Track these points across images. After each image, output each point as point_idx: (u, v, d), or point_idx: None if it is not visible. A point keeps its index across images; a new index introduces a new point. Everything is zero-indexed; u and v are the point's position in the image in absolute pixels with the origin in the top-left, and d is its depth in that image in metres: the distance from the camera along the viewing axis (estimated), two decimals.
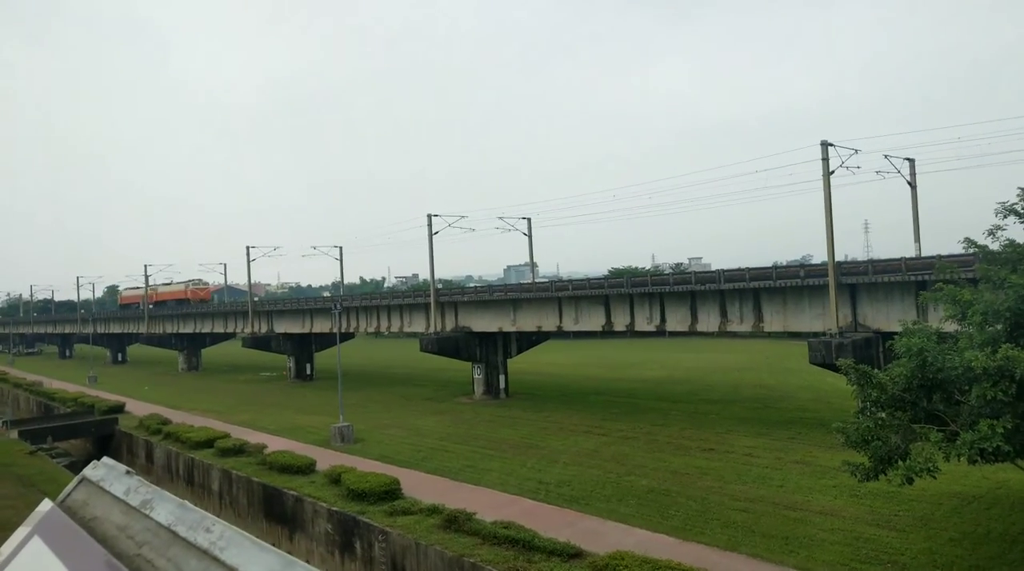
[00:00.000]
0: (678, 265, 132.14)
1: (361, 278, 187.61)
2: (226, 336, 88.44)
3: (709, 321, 37.67)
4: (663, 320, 39.58)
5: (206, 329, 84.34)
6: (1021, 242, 17.67)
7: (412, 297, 55.73)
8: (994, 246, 18.40)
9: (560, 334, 50.25)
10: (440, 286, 54.16)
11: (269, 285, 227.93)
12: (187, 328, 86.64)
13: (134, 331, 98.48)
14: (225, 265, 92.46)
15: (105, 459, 3.50)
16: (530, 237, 56.65)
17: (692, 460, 29.14)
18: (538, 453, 31.71)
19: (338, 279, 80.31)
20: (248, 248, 73.78)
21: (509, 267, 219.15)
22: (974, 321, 16.45)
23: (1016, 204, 18.86)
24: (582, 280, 47.68)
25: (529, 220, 56.53)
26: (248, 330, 73.32)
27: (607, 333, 46.04)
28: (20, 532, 3.03)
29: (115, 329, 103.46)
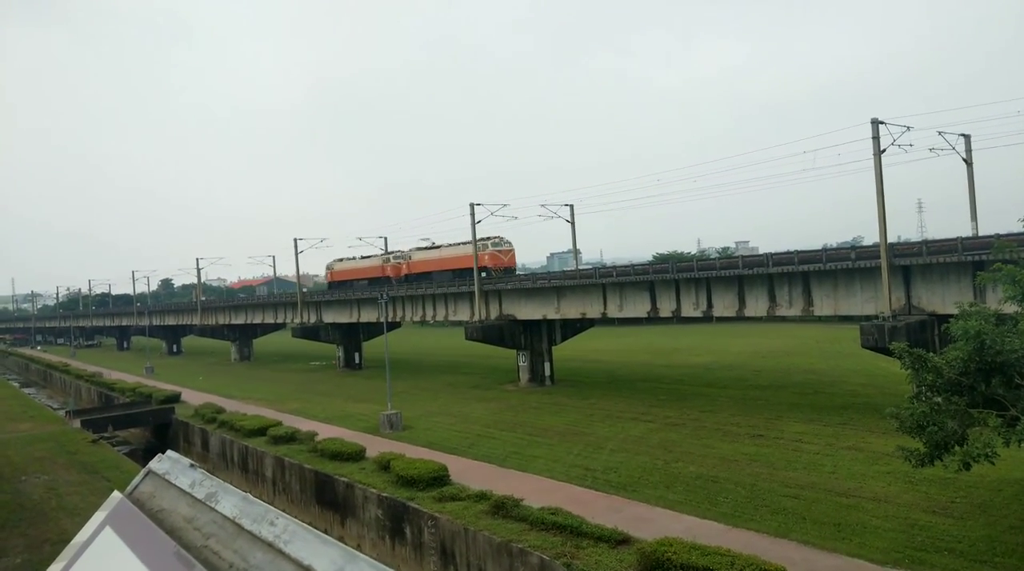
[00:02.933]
0: (725, 250, 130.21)
1: None
2: (276, 327, 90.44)
3: (757, 306, 37.07)
4: (710, 305, 39.08)
5: (257, 320, 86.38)
6: None
7: (456, 286, 56.15)
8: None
9: (604, 321, 50.07)
10: (484, 275, 54.33)
11: (317, 276, 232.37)
12: (239, 319, 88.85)
13: (188, 323, 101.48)
14: (274, 257, 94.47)
15: (170, 452, 3.67)
16: (573, 224, 56.40)
17: (741, 446, 28.82)
18: (584, 440, 31.74)
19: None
20: (296, 240, 75.15)
21: (552, 254, 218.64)
22: None
23: None
24: (626, 266, 47.31)
25: (572, 207, 56.24)
26: (297, 320, 74.90)
27: (652, 319, 45.68)
28: (92, 522, 3.20)
29: (170, 321, 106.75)
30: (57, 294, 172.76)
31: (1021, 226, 19.01)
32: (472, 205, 52.65)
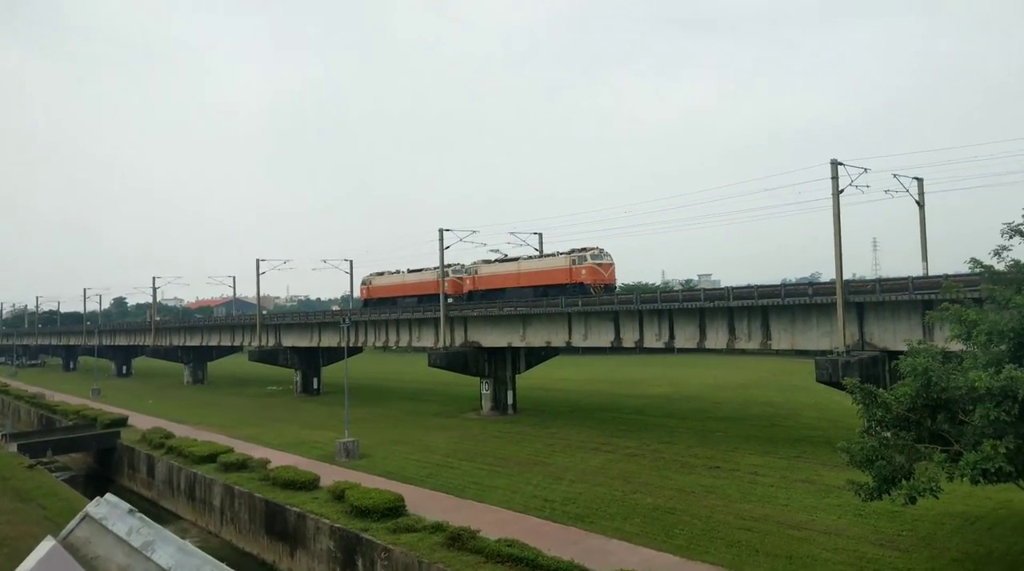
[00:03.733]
0: (688, 282, 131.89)
1: None
2: (233, 349, 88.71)
3: (717, 338, 37.60)
4: (672, 337, 39.53)
5: (213, 342, 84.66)
6: None
7: (422, 312, 55.88)
8: (1000, 266, 18.39)
9: (569, 350, 50.11)
10: (450, 301, 54.12)
11: (278, 298, 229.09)
12: (194, 341, 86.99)
13: (140, 343, 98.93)
14: (234, 278, 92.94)
15: (108, 496, 3.59)
16: (541, 252, 56.77)
17: (698, 478, 29.01)
18: (544, 470, 31.64)
19: (348, 292, 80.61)
20: (258, 261, 74.12)
21: None
22: (979, 341, 16.45)
23: (1022, 225, 18.87)
24: (592, 296, 47.67)
25: (540, 235, 56.67)
26: (255, 344, 73.59)
27: (616, 349, 45.97)
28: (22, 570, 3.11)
29: (121, 341, 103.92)
30: (0, 310, 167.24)
31: (967, 268, 19.72)
32: (441, 230, 52.72)
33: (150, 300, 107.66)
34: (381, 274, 66.96)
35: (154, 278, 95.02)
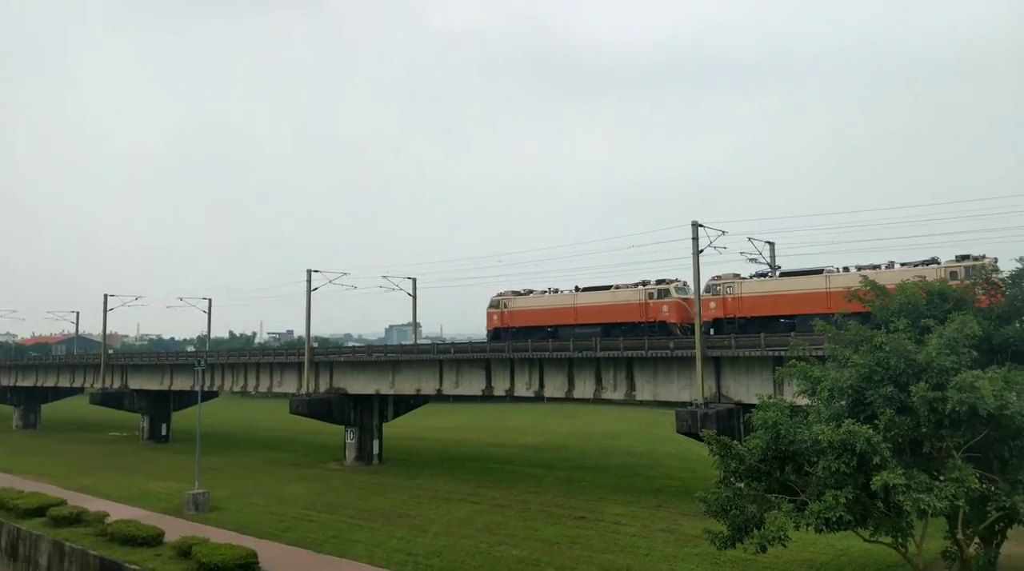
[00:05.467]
0: None
1: (231, 333, 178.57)
2: (73, 391, 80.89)
3: (585, 388, 38.45)
4: (542, 385, 40.03)
5: (50, 383, 76.98)
6: (863, 325, 19.31)
7: (284, 355, 53.47)
8: (841, 328, 20.00)
9: (440, 397, 49.57)
10: (316, 345, 52.22)
11: (127, 336, 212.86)
12: (27, 381, 78.68)
13: None
14: (78, 313, 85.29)
15: None
16: (414, 297, 56.25)
17: (563, 529, 29.10)
18: (409, 522, 30.67)
19: (205, 332, 76.14)
20: (106, 296, 68.79)
21: (391, 327, 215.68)
22: (822, 397, 17.70)
23: (859, 290, 20.73)
24: (464, 343, 47.60)
25: (414, 280, 56.23)
26: (99, 385, 67.51)
27: (488, 397, 45.92)
28: None
29: None
30: None
31: (813, 328, 21.34)
32: (309, 271, 51.14)
33: None
34: (521, 294, 48.43)
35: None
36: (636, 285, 42.49)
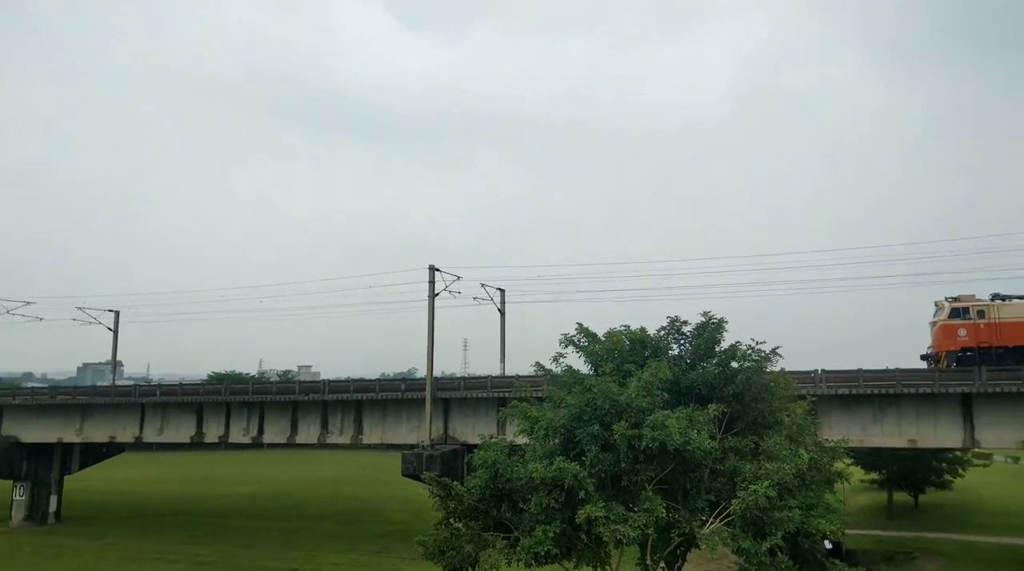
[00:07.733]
0: (286, 373, 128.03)
1: None
2: None
3: (309, 433, 36.59)
4: (261, 431, 37.33)
5: None
6: (577, 369, 20.68)
7: None
8: (558, 370, 21.23)
9: (140, 445, 44.00)
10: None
11: None
12: None
13: None
14: None
15: None
16: (115, 332, 49.71)
17: None
18: None
19: None
20: None
21: (86, 365, 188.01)
22: (539, 435, 18.47)
23: (574, 336, 22.29)
24: (173, 385, 43.11)
25: (117, 313, 49.74)
26: None
27: (198, 445, 41.68)
28: None
29: None
30: None
31: (532, 369, 22.39)
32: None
33: None
34: (1006, 300, 34.79)
35: None
36: None
